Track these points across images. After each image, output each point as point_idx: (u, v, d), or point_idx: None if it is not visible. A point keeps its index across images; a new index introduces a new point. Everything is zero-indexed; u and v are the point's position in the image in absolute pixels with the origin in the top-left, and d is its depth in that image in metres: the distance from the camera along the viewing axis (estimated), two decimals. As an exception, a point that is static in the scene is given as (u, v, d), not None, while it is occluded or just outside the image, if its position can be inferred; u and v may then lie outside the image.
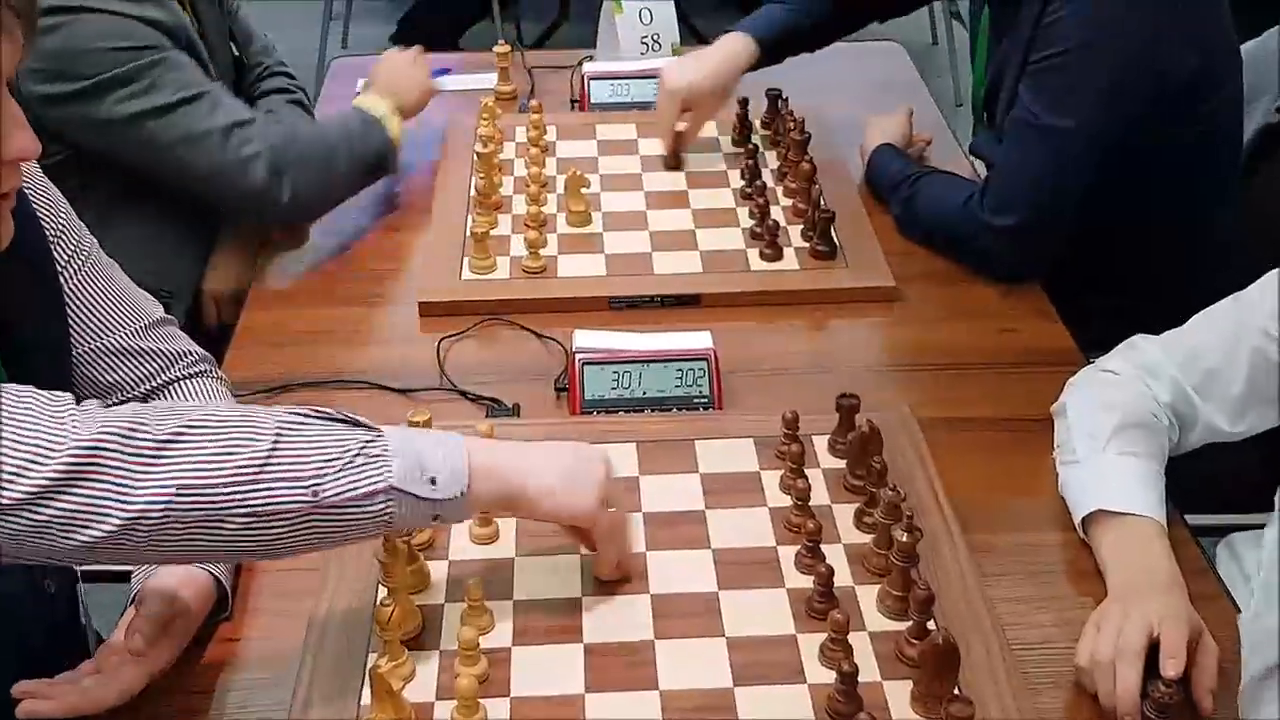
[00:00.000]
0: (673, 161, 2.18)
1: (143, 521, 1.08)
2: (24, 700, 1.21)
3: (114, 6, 1.83)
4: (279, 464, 1.12)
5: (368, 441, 1.17)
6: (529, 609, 1.38)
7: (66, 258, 1.42)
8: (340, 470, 1.15)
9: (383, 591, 1.34)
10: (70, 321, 1.42)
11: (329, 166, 1.99)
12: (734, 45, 2.17)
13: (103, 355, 1.46)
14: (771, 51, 2.18)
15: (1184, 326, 1.54)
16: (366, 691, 1.26)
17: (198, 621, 1.33)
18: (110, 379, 1.47)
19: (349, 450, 1.16)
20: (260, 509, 1.12)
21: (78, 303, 1.43)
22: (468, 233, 1.99)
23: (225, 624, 1.38)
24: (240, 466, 1.11)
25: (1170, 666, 1.25)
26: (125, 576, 1.37)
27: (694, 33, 4.38)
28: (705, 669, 1.30)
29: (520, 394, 1.72)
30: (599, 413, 1.66)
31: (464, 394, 1.73)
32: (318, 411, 1.19)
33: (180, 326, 1.60)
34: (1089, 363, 1.75)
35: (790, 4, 2.21)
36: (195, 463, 1.10)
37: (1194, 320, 1.54)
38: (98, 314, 1.45)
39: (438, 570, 1.42)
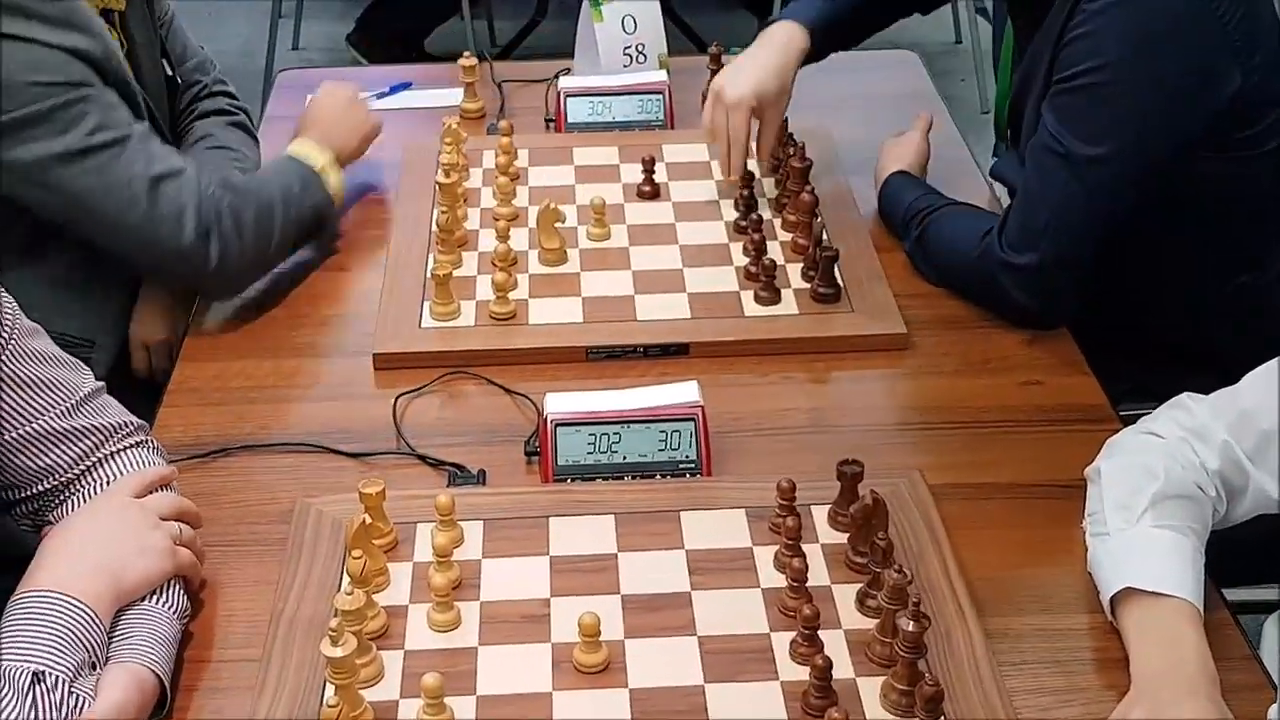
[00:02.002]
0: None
1: None
2: None
3: (37, 34, 1.83)
4: None
5: None
6: (494, 705, 1.40)
7: None
8: None
9: (330, 690, 1.37)
10: None
11: (263, 229, 1.99)
12: (785, 37, 2.17)
13: (31, 441, 1.50)
14: (821, 41, 2.19)
15: (1238, 385, 1.56)
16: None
17: None
18: (41, 464, 1.52)
19: None
20: None
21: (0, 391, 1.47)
22: (428, 274, 2.02)
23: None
24: None
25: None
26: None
27: (688, 33, 4.43)
28: (689, 774, 1.32)
29: (487, 458, 1.75)
30: (574, 480, 1.69)
31: (423, 458, 1.76)
32: None
33: (105, 377, 1.63)
34: (1122, 419, 1.78)
35: None
36: None
37: (1249, 378, 1.56)
38: (23, 399, 1.50)
39: (392, 662, 1.45)
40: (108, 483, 1.54)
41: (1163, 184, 1.89)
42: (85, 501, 1.53)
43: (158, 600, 1.44)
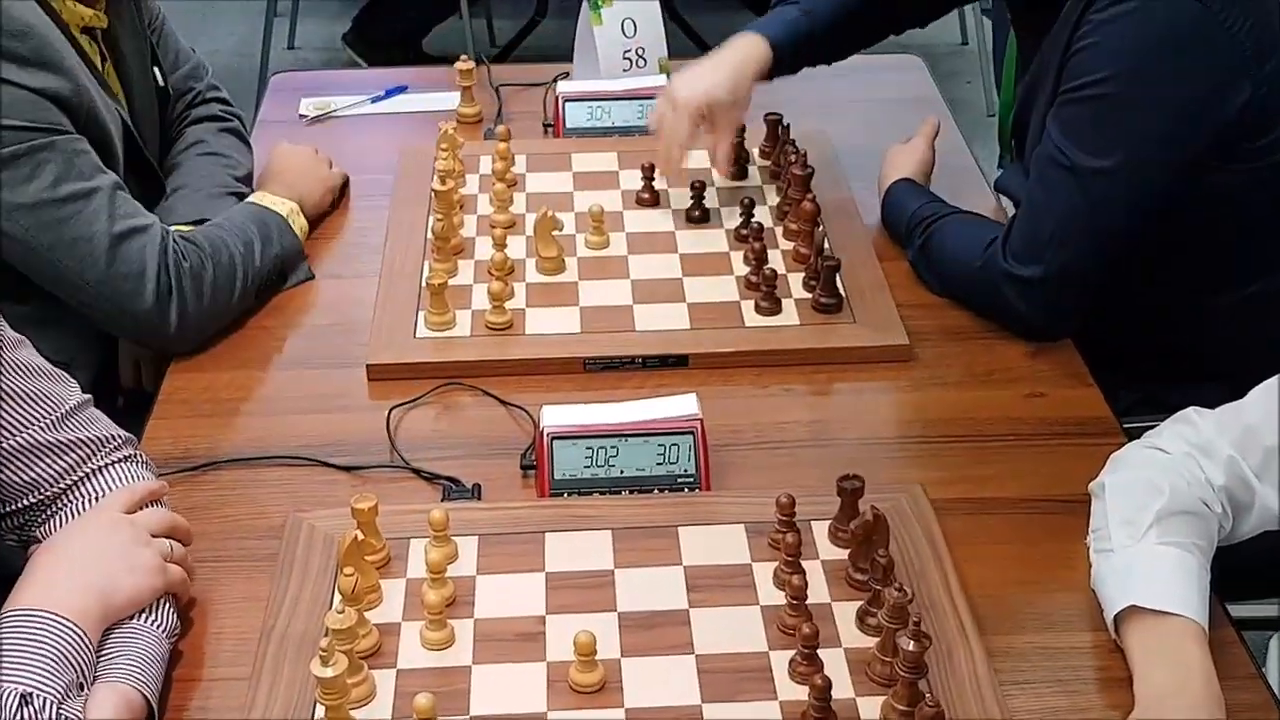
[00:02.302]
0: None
1: None
2: None
3: (8, 74, 1.81)
4: None
5: None
6: (487, 726, 1.40)
7: None
8: None
9: (321, 710, 1.37)
10: None
11: (225, 287, 1.98)
12: (747, 47, 2.18)
13: (16, 455, 1.51)
14: (786, 58, 2.20)
15: (1244, 400, 1.57)
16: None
17: None
18: (26, 478, 1.52)
19: None
20: None
21: None
22: (423, 283, 2.03)
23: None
24: None
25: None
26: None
27: (690, 35, 4.44)
28: (686, 796, 1.33)
29: (482, 472, 1.76)
30: (570, 494, 1.70)
31: (417, 472, 1.76)
32: None
33: (90, 387, 1.63)
34: (1128, 432, 1.79)
35: (804, 4, 2.22)
36: None
37: (1255, 393, 1.56)
38: (8, 412, 1.50)
39: (384, 682, 1.45)
40: (96, 497, 1.55)
41: (1170, 195, 1.89)
42: (73, 517, 1.53)
43: (147, 618, 1.45)
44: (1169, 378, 2.01)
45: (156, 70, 2.22)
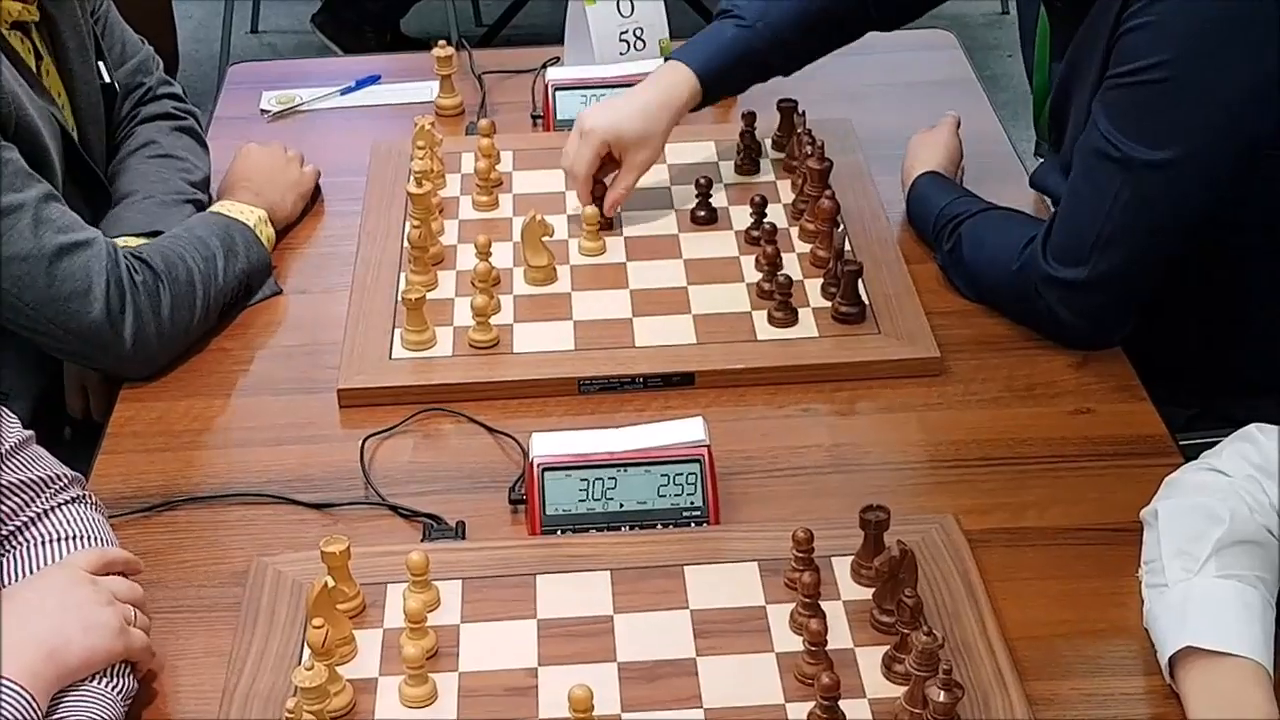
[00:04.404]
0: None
1: None
2: None
3: None
4: None
5: None
6: (473, 792, 1.42)
7: None
8: None
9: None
10: None
11: (184, 304, 1.99)
12: (669, 79, 2.21)
13: None
14: (716, 86, 2.23)
15: None
16: None
17: None
18: None
19: None
20: None
21: None
22: (399, 298, 2.05)
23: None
24: None
25: None
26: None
27: (699, 11, 4.45)
28: None
29: (467, 508, 1.77)
30: (564, 531, 1.71)
31: (395, 509, 1.78)
32: None
33: (32, 422, 1.65)
34: (1184, 451, 1.80)
35: (745, 18, 2.23)
36: None
37: None
38: None
39: (359, 744, 1.47)
40: (42, 543, 1.57)
41: (1232, 186, 1.90)
42: (17, 565, 1.55)
43: (105, 681, 1.46)
44: (1230, 390, 2.03)
45: (101, 65, 2.23)
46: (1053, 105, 2.10)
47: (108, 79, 2.24)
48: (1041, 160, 2.28)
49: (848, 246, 2.09)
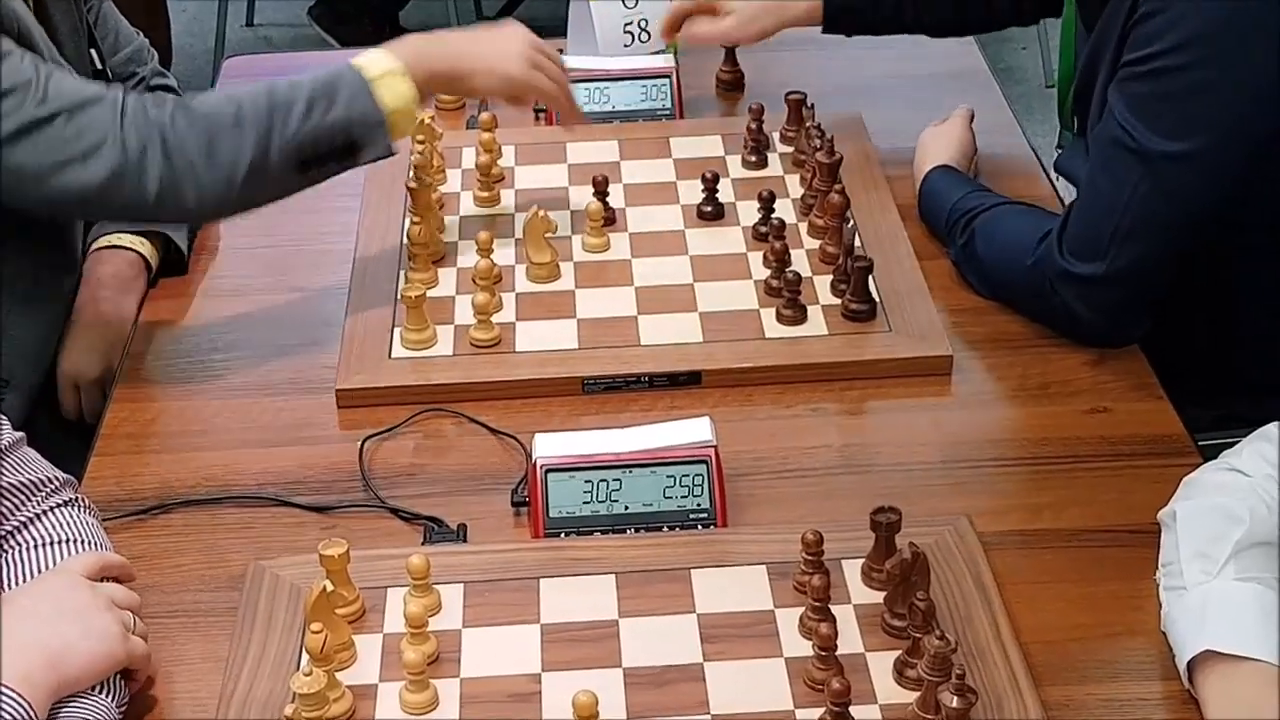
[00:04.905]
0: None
1: None
2: None
3: None
4: None
5: None
6: (476, 800, 1.43)
7: None
8: None
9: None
10: None
11: (227, 144, 1.88)
12: None
13: None
14: (837, 16, 2.29)
15: None
16: None
17: None
18: None
19: None
20: None
21: None
22: (398, 295, 2.05)
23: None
24: None
25: None
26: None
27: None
28: None
29: (468, 510, 1.78)
30: (568, 534, 1.72)
31: (395, 511, 1.78)
32: None
33: (24, 421, 1.65)
34: (1203, 451, 1.80)
35: None
36: None
37: None
38: None
39: (359, 751, 1.48)
40: (34, 548, 1.57)
41: (1252, 179, 1.90)
42: (10, 569, 1.55)
43: (103, 691, 1.47)
44: (1250, 389, 2.03)
45: (94, 53, 2.24)
46: (1078, 88, 2.10)
47: (100, 66, 2.24)
48: (1062, 149, 2.28)
49: (858, 242, 2.10)
